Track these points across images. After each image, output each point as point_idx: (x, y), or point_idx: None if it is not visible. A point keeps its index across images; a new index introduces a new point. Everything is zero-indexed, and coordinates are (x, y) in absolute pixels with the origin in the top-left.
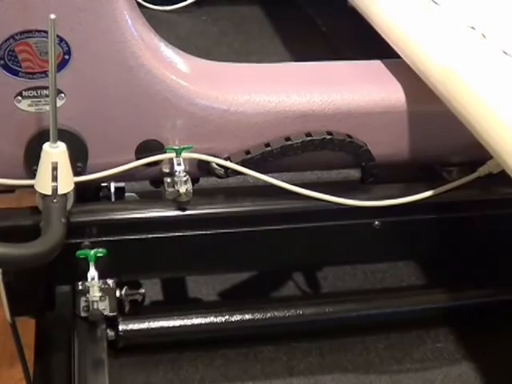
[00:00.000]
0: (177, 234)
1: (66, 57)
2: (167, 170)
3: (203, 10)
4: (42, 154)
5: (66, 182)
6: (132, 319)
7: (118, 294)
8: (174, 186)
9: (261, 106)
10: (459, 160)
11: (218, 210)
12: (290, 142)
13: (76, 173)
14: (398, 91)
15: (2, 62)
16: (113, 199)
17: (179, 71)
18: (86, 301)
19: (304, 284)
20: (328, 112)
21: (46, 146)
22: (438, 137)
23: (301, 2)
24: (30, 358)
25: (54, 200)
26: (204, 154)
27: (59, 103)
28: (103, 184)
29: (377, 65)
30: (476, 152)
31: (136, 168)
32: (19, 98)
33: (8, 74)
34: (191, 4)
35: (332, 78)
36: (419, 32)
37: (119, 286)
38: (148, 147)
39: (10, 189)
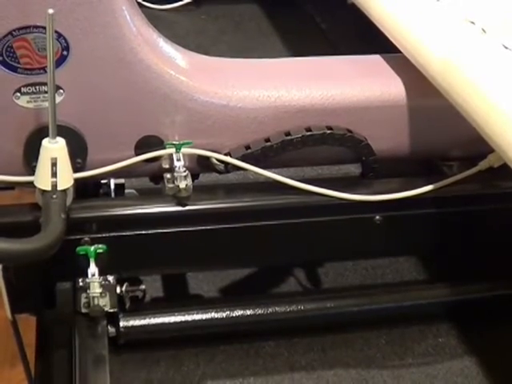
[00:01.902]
0: (177, 229)
1: (65, 53)
2: (167, 166)
3: (202, 8)
4: (42, 150)
5: (66, 178)
6: (133, 315)
7: (118, 290)
8: (173, 182)
9: (260, 101)
10: (460, 154)
11: (219, 205)
12: (290, 137)
13: (75, 169)
14: (398, 86)
15: (1, 58)
16: (113, 195)
17: (178, 66)
18: (86, 297)
19: (305, 279)
20: (328, 107)
21: (45, 142)
22: (439, 131)
23: None
24: (31, 356)
25: (54, 196)
26: (204, 149)
27: (58, 99)
28: (103, 181)
29: (376, 59)
30: (476, 146)
31: (135, 164)
32: (18, 94)
33: (6, 70)
34: (190, 3)
35: (331, 73)
36: (419, 26)
37: (120, 282)
38: (147, 143)
39: (10, 186)
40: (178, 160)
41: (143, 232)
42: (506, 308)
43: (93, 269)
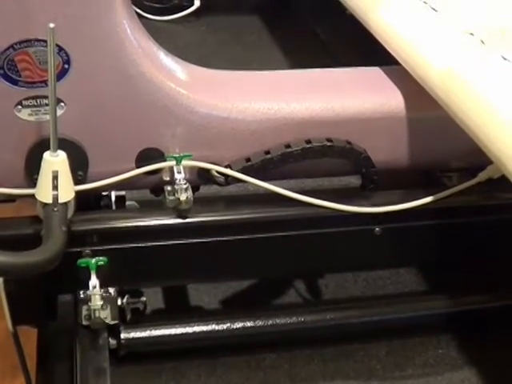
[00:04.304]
0: (178, 242)
1: (66, 66)
2: (167, 178)
3: (202, 20)
4: (43, 163)
5: (67, 191)
6: (134, 327)
7: (119, 302)
8: (174, 194)
9: (260, 113)
10: (459, 165)
11: (219, 217)
12: (289, 149)
13: (76, 181)
14: (397, 97)
15: (2, 71)
16: (113, 208)
17: (179, 79)
18: (87, 309)
19: (305, 291)
20: (327, 119)
21: (47, 155)
22: (438, 142)
23: (299, 10)
24: (32, 368)
25: (55, 208)
26: (204, 161)
27: (59, 112)
28: (104, 193)
29: (376, 71)
30: (476, 157)
31: (136, 176)
32: (19, 107)
33: (8, 83)
34: (190, 14)
35: (331, 85)
36: (418, 38)
37: (121, 294)
38: (148, 155)
39: (11, 198)
40: (179, 172)
41: (144, 244)
42: (507, 319)
43: (94, 281)
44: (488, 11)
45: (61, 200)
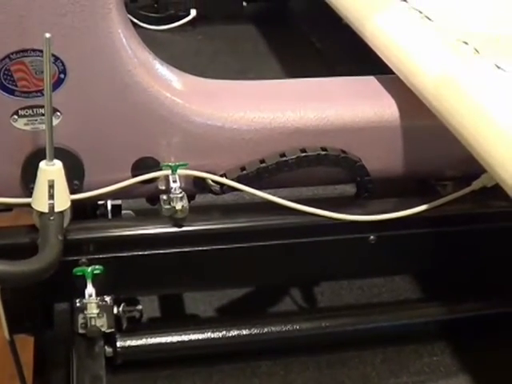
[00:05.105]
0: (174, 250)
1: (62, 76)
2: (163, 187)
3: (198, 29)
4: (39, 172)
5: (63, 200)
6: (130, 336)
7: (115, 310)
8: (170, 203)
9: (256, 122)
10: (454, 174)
11: (215, 226)
12: (284, 158)
13: (72, 191)
14: (392, 106)
15: None
16: (109, 217)
17: (174, 89)
18: (83, 318)
19: (301, 299)
20: (322, 128)
21: (43, 164)
22: (432, 151)
23: (295, 19)
24: (28, 376)
25: (51, 217)
26: (199, 170)
27: (55, 122)
28: (100, 202)
29: (370, 80)
30: (471, 165)
31: (132, 185)
32: (15, 116)
33: (4, 93)
34: (186, 23)
35: (326, 94)
36: (413, 47)
37: (117, 302)
38: (144, 164)
39: (7, 207)
40: (174, 181)
41: (140, 253)
42: (501, 326)
43: (90, 290)
44: (482, 20)
45: (57, 209)
